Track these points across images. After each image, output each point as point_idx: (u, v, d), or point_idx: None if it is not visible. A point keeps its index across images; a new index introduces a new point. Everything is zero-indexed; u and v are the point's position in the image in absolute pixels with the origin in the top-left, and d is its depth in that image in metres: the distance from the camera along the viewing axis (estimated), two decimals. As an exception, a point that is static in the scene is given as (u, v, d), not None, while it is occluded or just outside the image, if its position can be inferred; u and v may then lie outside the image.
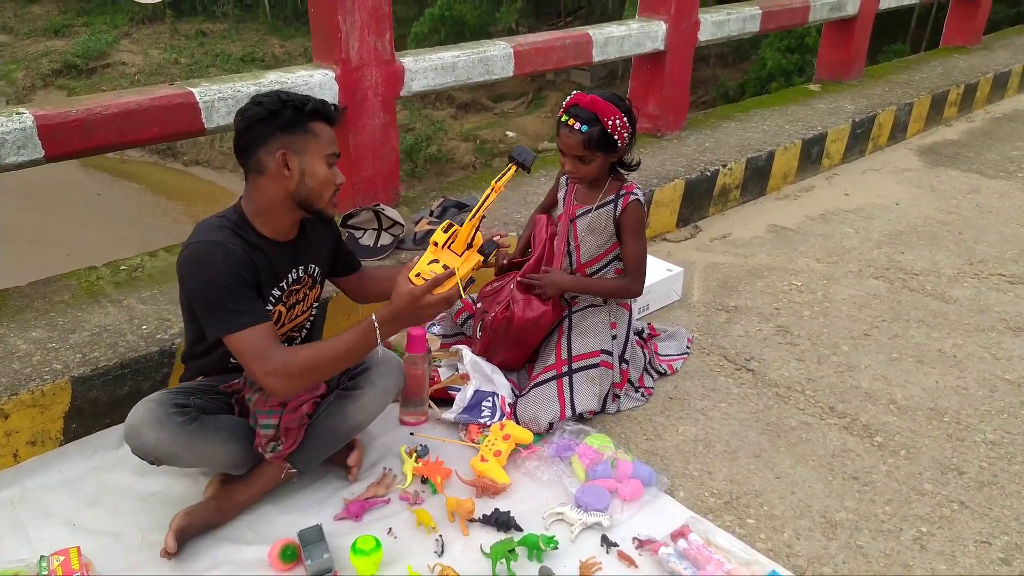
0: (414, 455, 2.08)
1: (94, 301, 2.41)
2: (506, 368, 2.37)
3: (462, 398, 2.25)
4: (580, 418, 2.25)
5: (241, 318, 1.71)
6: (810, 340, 2.72)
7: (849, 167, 4.47)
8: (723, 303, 2.97)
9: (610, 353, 2.32)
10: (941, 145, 4.91)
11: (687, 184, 3.55)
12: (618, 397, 2.33)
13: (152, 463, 1.79)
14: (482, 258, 1.92)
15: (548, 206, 2.54)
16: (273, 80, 2.65)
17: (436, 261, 1.83)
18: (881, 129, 4.70)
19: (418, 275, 1.77)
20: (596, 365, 2.28)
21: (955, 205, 3.95)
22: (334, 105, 1.86)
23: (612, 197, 2.33)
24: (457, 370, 2.39)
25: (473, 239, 1.89)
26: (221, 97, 2.54)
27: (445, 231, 1.85)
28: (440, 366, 2.45)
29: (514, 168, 1.97)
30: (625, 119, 2.20)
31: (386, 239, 2.83)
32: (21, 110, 2.23)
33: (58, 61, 31.46)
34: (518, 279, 2.33)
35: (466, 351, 2.35)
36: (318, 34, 2.83)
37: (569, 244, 2.39)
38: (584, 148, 2.20)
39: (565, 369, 2.26)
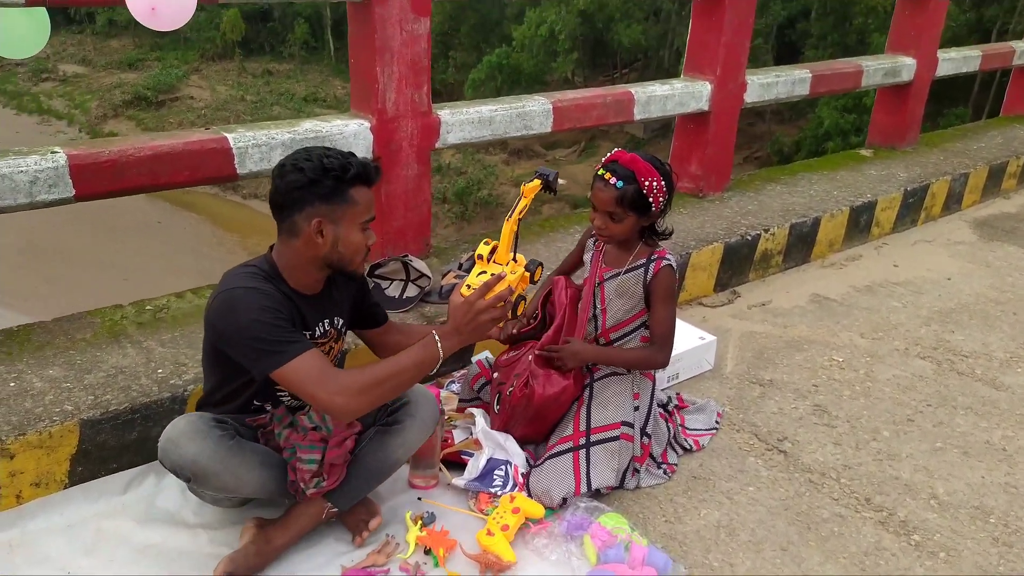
0: (419, 522, 2.00)
1: (115, 341, 2.40)
2: (526, 442, 2.28)
3: (474, 465, 2.16)
4: (596, 493, 2.14)
5: (289, 348, 1.70)
6: (849, 422, 2.58)
7: (899, 237, 4.32)
8: (758, 376, 2.84)
9: (631, 425, 2.22)
10: (998, 218, 4.72)
11: (726, 247, 3.45)
12: (638, 472, 2.22)
13: (186, 479, 1.78)
14: (528, 275, 2.00)
15: (568, 268, 2.48)
16: (308, 129, 2.66)
17: (484, 272, 1.90)
18: (935, 199, 4.54)
19: (469, 287, 1.84)
20: (616, 438, 2.18)
21: (1011, 283, 3.76)
22: (375, 166, 1.85)
23: (643, 261, 2.26)
24: (471, 433, 2.31)
25: (515, 251, 1.99)
26: (255, 144, 2.55)
27: (486, 244, 1.95)
28: (455, 426, 2.37)
29: (539, 181, 2.02)
30: (663, 183, 2.14)
31: (412, 291, 2.78)
32: (56, 149, 2.26)
33: (129, 93, 32.90)
34: (536, 352, 2.24)
35: (479, 416, 2.28)
36: (357, 84, 2.84)
37: (595, 308, 2.31)
38: (616, 205, 2.14)
39: (582, 441, 2.17)
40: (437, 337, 1.77)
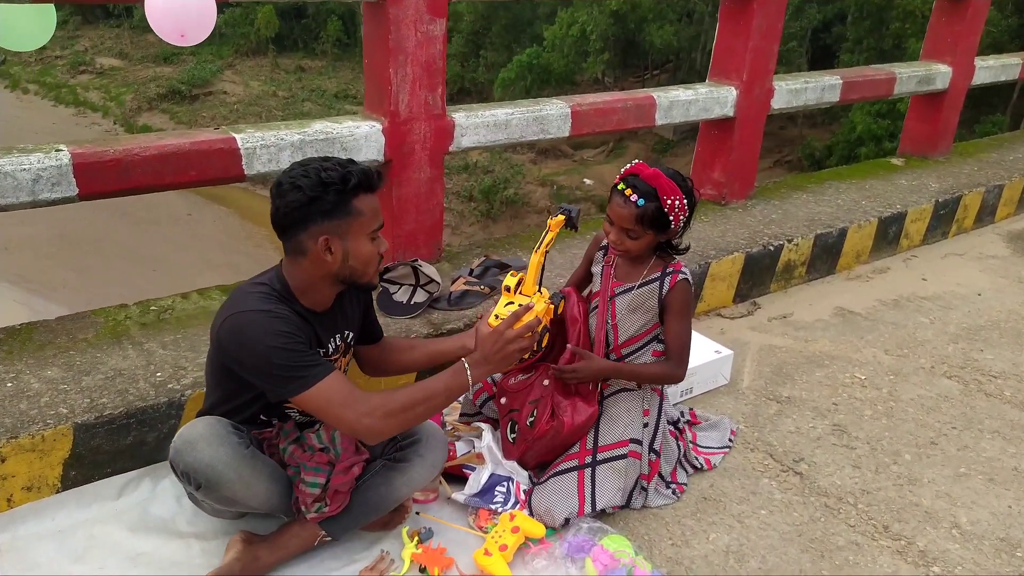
0: (416, 538, 1.94)
1: (116, 342, 2.37)
2: (540, 466, 2.20)
3: (476, 480, 2.10)
4: (601, 513, 2.07)
5: (311, 372, 1.67)
6: (869, 444, 2.48)
7: (929, 250, 4.18)
8: (775, 392, 2.74)
9: (639, 442, 2.14)
10: (1034, 232, 4.57)
11: (747, 257, 3.35)
12: (645, 491, 2.14)
13: (196, 486, 1.71)
14: (553, 306, 2.02)
15: (577, 281, 2.39)
16: (319, 130, 2.61)
17: (511, 303, 1.92)
18: (967, 211, 4.40)
19: (496, 317, 1.87)
20: (623, 456, 2.10)
21: (1046, 300, 3.62)
22: (376, 171, 1.78)
23: (658, 275, 2.18)
24: (474, 447, 2.24)
25: (541, 281, 2.01)
26: (264, 144, 2.50)
27: (512, 276, 1.97)
28: (458, 438, 2.31)
29: (563, 216, 2.03)
30: (684, 201, 2.06)
31: (420, 296, 2.72)
32: (60, 147, 2.23)
33: (164, 87, 33.28)
34: (552, 370, 2.15)
35: (486, 432, 2.21)
36: (371, 85, 2.78)
37: (607, 324, 2.23)
38: (635, 222, 2.06)
39: (589, 460, 2.09)
40: (467, 365, 1.78)
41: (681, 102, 3.49)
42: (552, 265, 3.07)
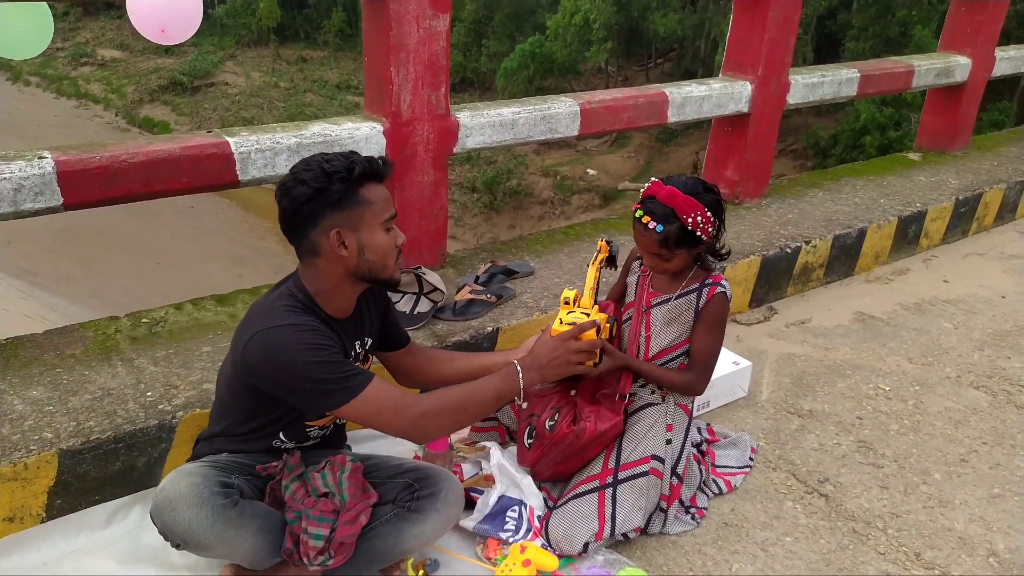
0: (421, 570, 1.82)
1: (105, 358, 2.25)
2: (555, 481, 2.09)
3: (484, 504, 1.98)
4: (623, 538, 1.95)
5: (354, 382, 1.61)
6: (896, 462, 2.36)
7: (949, 249, 4.04)
8: (796, 405, 2.62)
9: (662, 460, 2.02)
10: (1056, 229, 4.43)
11: (764, 261, 3.22)
12: (664, 513, 2.03)
13: (175, 545, 1.62)
14: (609, 326, 2.02)
15: (618, 294, 2.28)
16: (316, 132, 2.48)
17: (573, 313, 1.94)
18: (987, 208, 4.26)
19: (561, 322, 1.90)
20: (645, 473, 1.98)
21: (1073, 303, 3.49)
22: (382, 159, 1.69)
23: (696, 286, 2.08)
24: (481, 468, 2.13)
25: (596, 297, 2.04)
26: (259, 148, 2.38)
27: (571, 290, 1.99)
28: (464, 459, 2.20)
29: (607, 250, 2.05)
30: (708, 213, 1.94)
31: (424, 305, 2.60)
32: (43, 154, 2.10)
33: (166, 78, 33.12)
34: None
35: (494, 449, 2.09)
36: (371, 85, 2.65)
37: (639, 335, 2.12)
38: (661, 247, 1.97)
39: (610, 480, 1.97)
40: (520, 369, 1.77)
41: (694, 98, 3.36)
42: (562, 270, 2.95)
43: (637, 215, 1.97)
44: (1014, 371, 2.90)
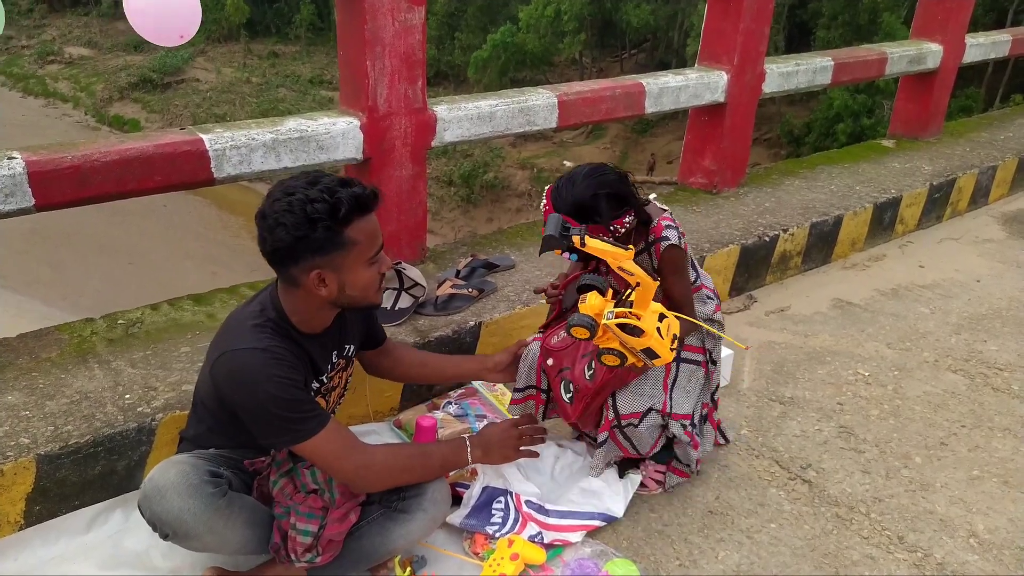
0: (408, 568, 1.81)
1: (82, 361, 2.21)
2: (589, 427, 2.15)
3: (468, 496, 1.98)
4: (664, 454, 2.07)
5: (307, 425, 1.60)
6: (877, 447, 2.38)
7: (924, 235, 4.09)
8: (778, 393, 2.64)
9: (713, 362, 2.12)
10: (1028, 213, 4.49)
11: (743, 250, 3.24)
12: (697, 429, 2.08)
13: (163, 536, 1.59)
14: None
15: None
16: (293, 128, 2.45)
17: (623, 308, 1.73)
18: (961, 193, 4.31)
19: (612, 314, 1.69)
20: (697, 362, 2.07)
21: (1045, 285, 3.55)
22: (371, 190, 1.61)
23: (643, 246, 2.00)
24: (466, 414, 2.14)
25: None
26: (234, 145, 2.35)
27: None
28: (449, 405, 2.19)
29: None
30: (599, 216, 1.85)
31: (405, 301, 2.58)
32: (13, 154, 2.06)
33: (135, 75, 32.67)
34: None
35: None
36: (346, 79, 2.62)
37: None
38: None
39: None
40: (468, 446, 1.84)
41: (671, 88, 3.36)
42: (530, 264, 2.94)
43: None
44: (991, 355, 2.94)
